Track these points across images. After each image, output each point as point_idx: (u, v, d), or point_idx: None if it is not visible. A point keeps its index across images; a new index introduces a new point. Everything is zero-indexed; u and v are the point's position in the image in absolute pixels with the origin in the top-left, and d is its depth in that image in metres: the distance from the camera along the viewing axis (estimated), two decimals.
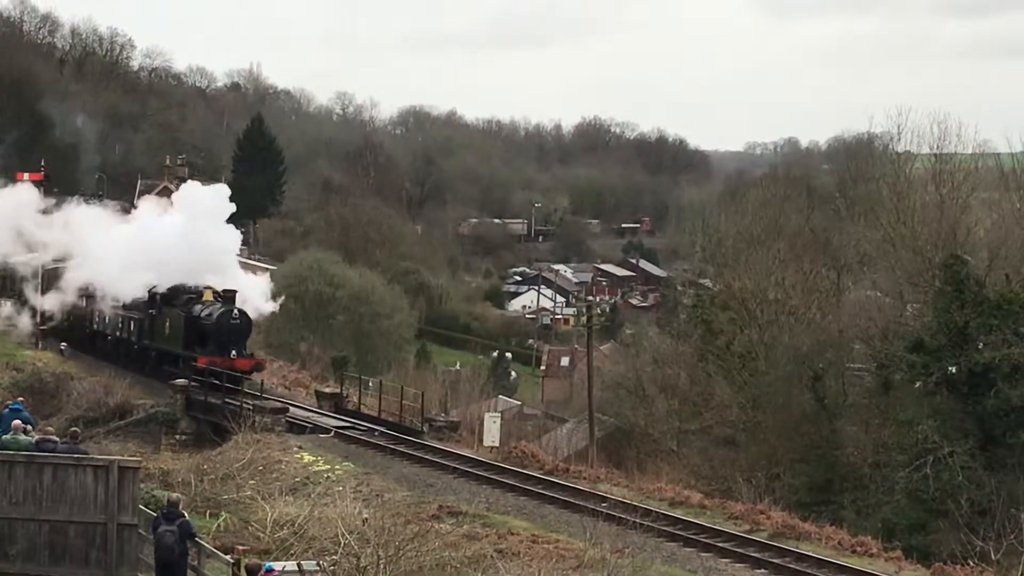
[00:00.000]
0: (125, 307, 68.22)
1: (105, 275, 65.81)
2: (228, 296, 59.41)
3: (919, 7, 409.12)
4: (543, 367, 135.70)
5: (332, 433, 50.11)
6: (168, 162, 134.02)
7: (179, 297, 62.26)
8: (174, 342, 61.47)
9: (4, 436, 28.26)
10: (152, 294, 63.88)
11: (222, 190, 63.62)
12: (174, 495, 27.59)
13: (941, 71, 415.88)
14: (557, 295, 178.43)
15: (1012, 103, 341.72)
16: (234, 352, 57.92)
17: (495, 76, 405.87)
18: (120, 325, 68.80)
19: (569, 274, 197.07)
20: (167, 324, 62.53)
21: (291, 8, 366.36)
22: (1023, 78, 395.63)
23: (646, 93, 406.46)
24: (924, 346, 54.34)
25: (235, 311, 58.54)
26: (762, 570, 34.07)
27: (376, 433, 50.92)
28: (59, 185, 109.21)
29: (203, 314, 59.76)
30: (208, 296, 60.65)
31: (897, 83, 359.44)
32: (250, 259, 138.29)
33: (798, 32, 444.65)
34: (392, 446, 48.27)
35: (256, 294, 62.42)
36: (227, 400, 53.95)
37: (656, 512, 38.51)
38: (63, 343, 74.77)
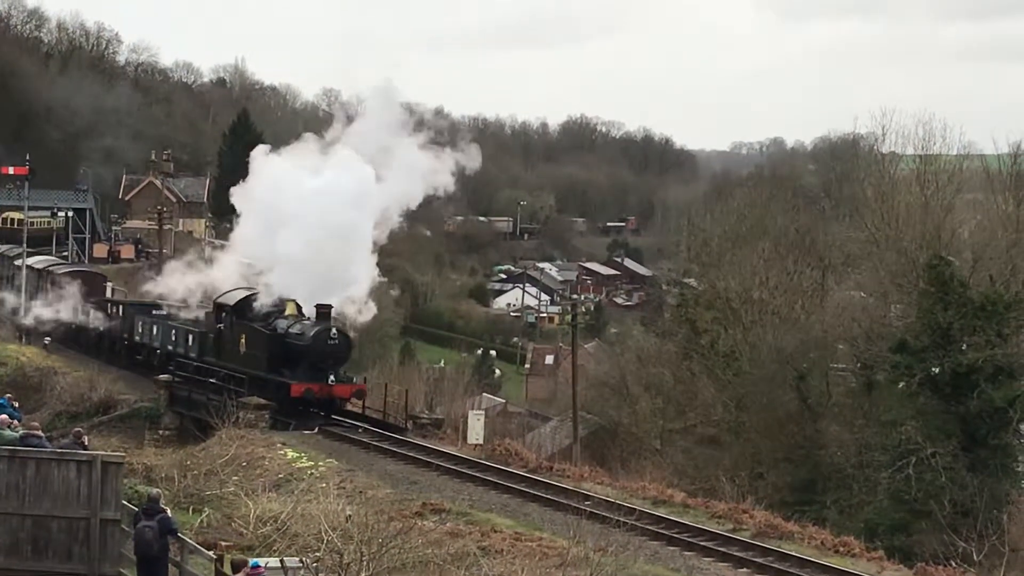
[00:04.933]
0: (178, 318, 62.70)
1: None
2: (323, 312, 52.01)
3: (920, 11, 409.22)
4: (527, 365, 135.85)
5: (316, 430, 50.04)
6: (154, 157, 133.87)
7: (253, 309, 54.98)
8: (253, 363, 53.57)
9: None
10: (219, 304, 56.97)
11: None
12: (154, 490, 27.52)
13: (937, 74, 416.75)
14: (542, 293, 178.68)
15: (1000, 105, 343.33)
16: (332, 377, 51.39)
17: (486, 76, 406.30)
18: (173, 338, 61.45)
19: (554, 272, 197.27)
20: (242, 341, 54.67)
21: (278, 5, 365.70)
22: (1012, 81, 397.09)
23: (634, 94, 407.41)
24: (908, 347, 54.43)
25: (333, 330, 51.54)
26: (745, 569, 34.11)
27: (360, 430, 50.78)
28: (48, 179, 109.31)
29: (292, 331, 52.50)
30: (291, 309, 53.53)
31: (893, 86, 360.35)
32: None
33: (797, 37, 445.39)
34: (376, 443, 48.18)
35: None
36: (211, 396, 53.77)
37: (639, 511, 38.52)
38: (47, 337, 74.58)
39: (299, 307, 53.30)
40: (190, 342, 59.57)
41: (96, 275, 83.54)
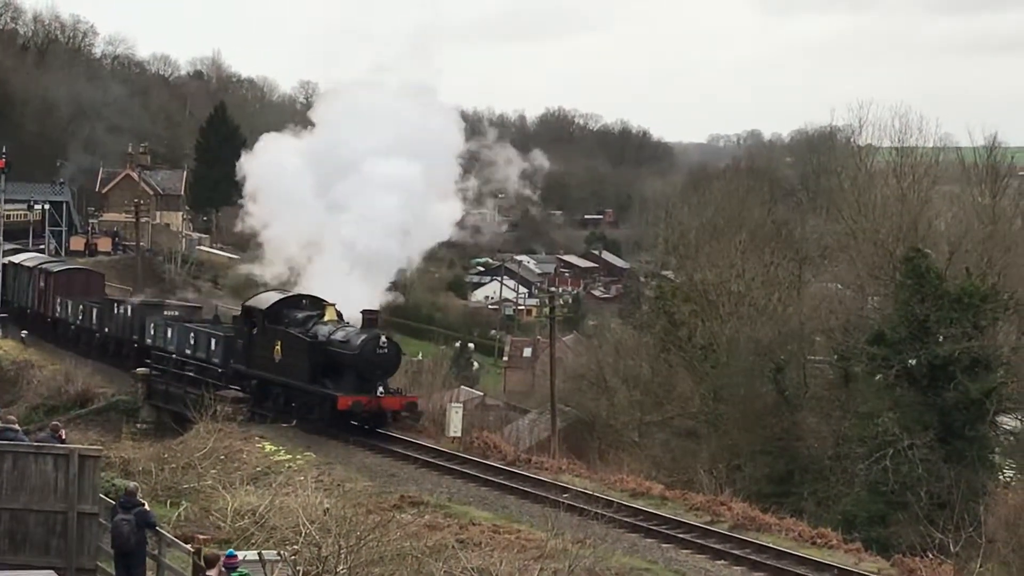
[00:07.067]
0: (194, 321, 60.58)
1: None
2: (370, 318, 49.32)
3: (908, 4, 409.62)
4: (505, 358, 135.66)
5: (294, 422, 50.00)
6: (131, 150, 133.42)
7: (288, 314, 51.63)
8: (291, 372, 50.27)
9: None
10: (248, 308, 53.86)
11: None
12: (131, 484, 27.50)
13: (921, 69, 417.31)
14: (520, 286, 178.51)
15: (978, 98, 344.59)
16: (380, 389, 48.54)
17: (466, 69, 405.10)
18: (192, 343, 58.08)
19: (532, 265, 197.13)
20: (277, 348, 50.98)
21: None
22: (993, 74, 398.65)
23: (613, 87, 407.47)
24: (885, 339, 54.57)
25: (383, 338, 48.78)
26: (722, 561, 34.22)
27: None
28: (25, 172, 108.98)
29: (335, 338, 49.28)
30: (331, 315, 50.52)
31: (876, 81, 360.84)
32: (212, 248, 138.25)
33: (784, 32, 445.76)
34: (354, 436, 48.18)
35: None
36: (188, 389, 53.61)
37: (617, 503, 38.65)
38: (23, 331, 74.32)
39: (339, 313, 50.58)
40: (213, 347, 56.06)
41: (93, 273, 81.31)
